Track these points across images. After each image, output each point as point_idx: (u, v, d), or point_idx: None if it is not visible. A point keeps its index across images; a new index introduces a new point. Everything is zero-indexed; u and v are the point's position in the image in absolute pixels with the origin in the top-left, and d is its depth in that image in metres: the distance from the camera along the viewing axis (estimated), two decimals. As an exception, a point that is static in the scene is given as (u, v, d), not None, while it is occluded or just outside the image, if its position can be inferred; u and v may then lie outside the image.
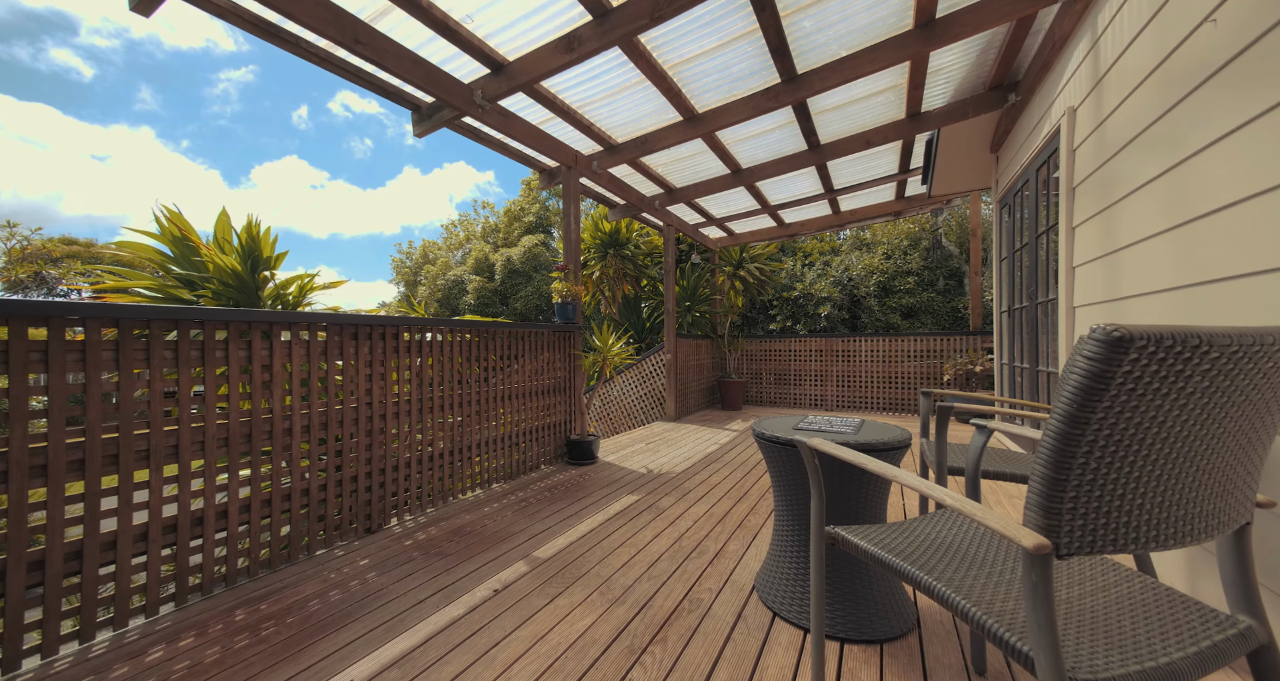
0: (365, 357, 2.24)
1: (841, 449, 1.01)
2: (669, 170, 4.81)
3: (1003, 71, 3.37)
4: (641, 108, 3.58)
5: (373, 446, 2.25)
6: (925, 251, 10.28)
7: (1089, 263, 2.39)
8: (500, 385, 3.10)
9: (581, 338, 3.95)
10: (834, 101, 3.69)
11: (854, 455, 1.00)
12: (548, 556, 2.01)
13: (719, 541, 2.15)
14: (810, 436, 1.09)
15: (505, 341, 3.15)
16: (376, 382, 2.28)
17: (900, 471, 0.90)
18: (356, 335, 2.20)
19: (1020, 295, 3.67)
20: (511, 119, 3.29)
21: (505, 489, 2.97)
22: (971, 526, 1.12)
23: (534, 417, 3.41)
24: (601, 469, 3.46)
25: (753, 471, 3.36)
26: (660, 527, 2.32)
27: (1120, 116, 2.04)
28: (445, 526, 2.34)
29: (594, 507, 2.62)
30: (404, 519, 2.41)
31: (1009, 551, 1.01)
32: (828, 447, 1.03)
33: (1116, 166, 2.08)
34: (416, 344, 2.51)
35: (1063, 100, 2.69)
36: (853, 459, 1.00)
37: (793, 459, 1.52)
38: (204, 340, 1.70)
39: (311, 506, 2.00)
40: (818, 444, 1.06)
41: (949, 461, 1.70)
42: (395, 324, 2.36)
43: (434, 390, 2.59)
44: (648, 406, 6.06)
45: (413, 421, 2.46)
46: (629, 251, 7.52)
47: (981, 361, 5.19)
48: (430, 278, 17.84)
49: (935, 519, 1.19)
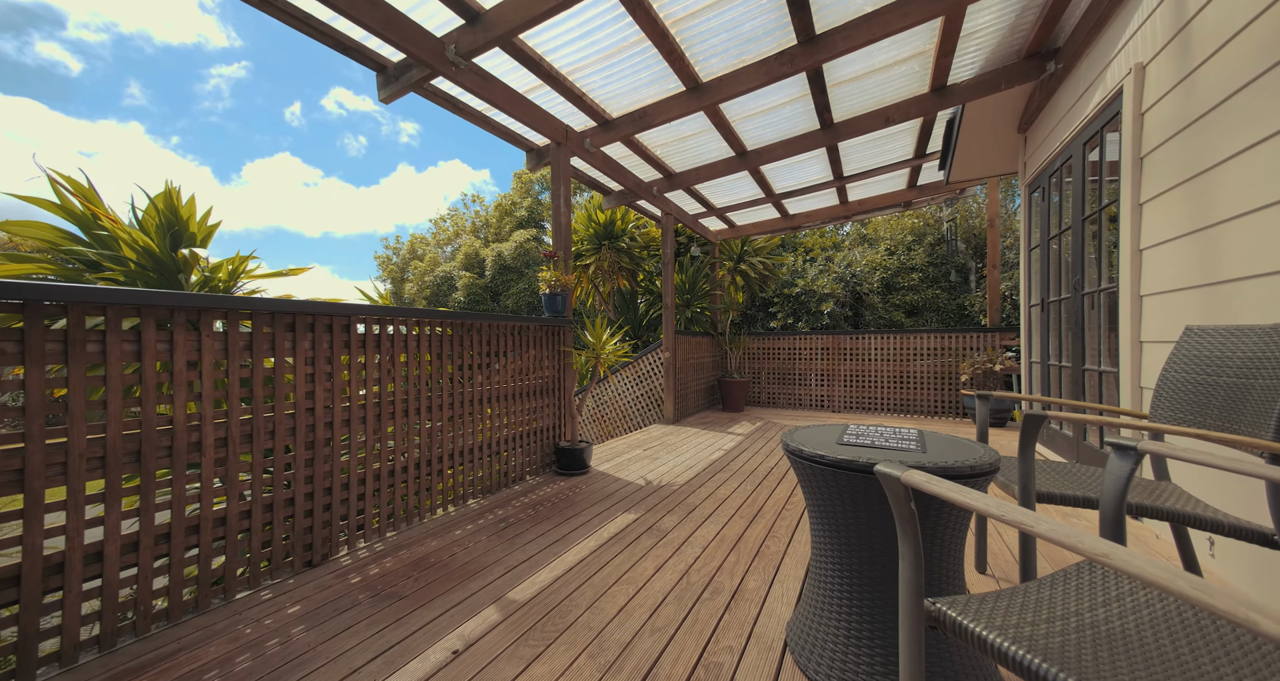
0: (306, 353, 1.84)
1: (966, 492, 0.64)
2: (668, 152, 4.43)
3: (1043, 36, 3.02)
4: (639, 75, 3.20)
5: (315, 462, 1.85)
6: (930, 247, 9.98)
7: (1163, 244, 2.04)
8: (480, 386, 2.71)
9: (573, 333, 3.57)
10: (852, 71, 3.33)
11: (983, 501, 0.63)
12: (526, 598, 1.63)
13: (735, 575, 1.78)
14: (898, 466, 0.73)
15: (485, 336, 2.76)
16: (321, 384, 1.88)
17: (1064, 527, 0.53)
18: (294, 326, 1.80)
19: (1058, 286, 3.33)
20: (492, 83, 2.89)
21: (483, 506, 2.58)
22: (1141, 599, 0.76)
23: (518, 422, 3.02)
24: (594, 480, 3.08)
25: (764, 482, 2.99)
26: (663, 556, 1.95)
27: (1221, 62, 1.69)
28: (406, 556, 1.95)
29: (585, 529, 2.24)
30: (356, 547, 2.02)
31: (1227, 649, 0.65)
32: (939, 488, 0.66)
33: (1214, 124, 1.73)
34: (375, 338, 2.12)
35: (1125, 59, 2.34)
36: (982, 507, 0.63)
37: (845, 485, 1.15)
38: (67, 330, 1.30)
39: (230, 538, 1.60)
40: (919, 481, 0.69)
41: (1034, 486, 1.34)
42: (346, 313, 1.97)
43: (398, 392, 2.20)
44: (644, 408, 5.69)
45: (369, 430, 2.07)
46: (625, 243, 7.13)
47: (1001, 359, 4.86)
48: (418, 274, 17.34)
49: (1069, 583, 0.82)
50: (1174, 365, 1.47)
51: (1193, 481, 1.85)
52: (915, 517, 0.73)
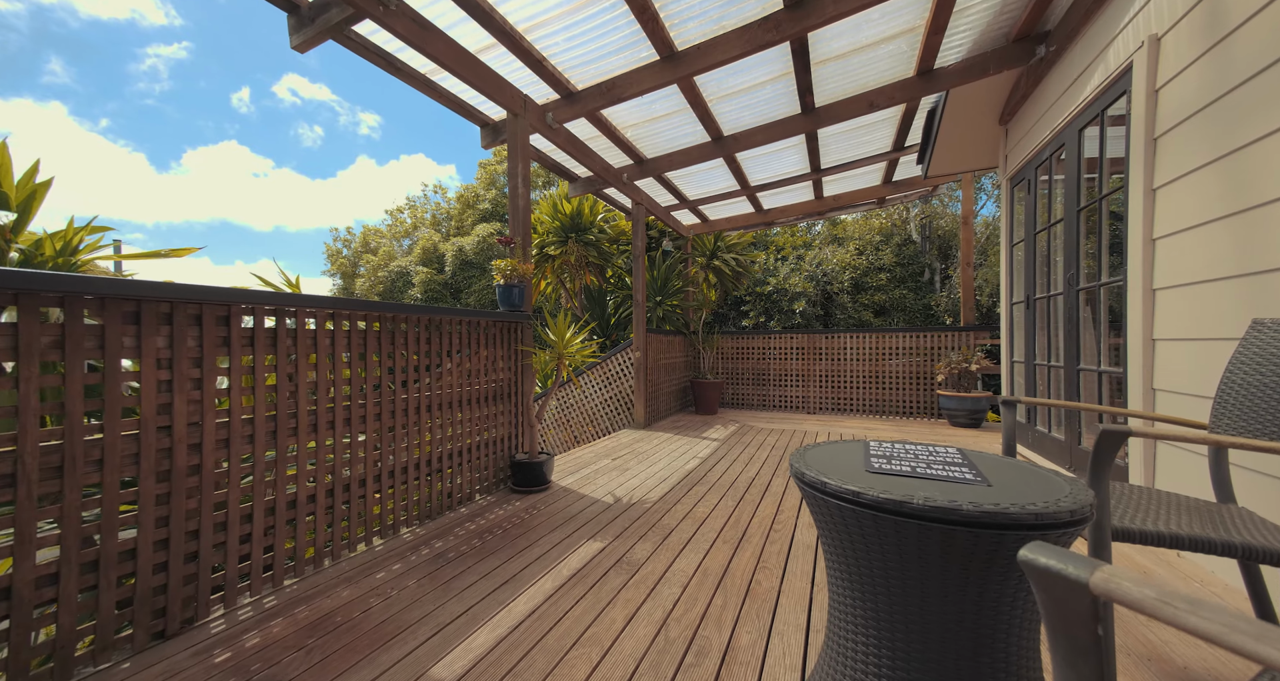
0: (159, 354, 1.38)
1: (1233, 625, 0.32)
2: (640, 135, 4.09)
3: (1034, 18, 2.86)
4: (608, 39, 2.83)
5: (174, 496, 1.39)
6: (897, 247, 10.08)
7: (1185, 231, 1.86)
8: (420, 391, 2.27)
9: (533, 330, 3.16)
10: (838, 47, 3.08)
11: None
12: (455, 676, 1.24)
13: (723, 626, 1.44)
14: (1075, 559, 0.41)
15: (423, 333, 2.32)
16: (184, 394, 1.42)
17: None
18: (139, 316, 1.34)
19: (1046, 282, 3.19)
20: (433, 34, 2.45)
21: (418, 536, 2.15)
22: None
23: (467, 433, 2.60)
24: (555, 497, 2.70)
25: (747, 496, 2.69)
26: (635, 600, 1.59)
27: (1267, 20, 1.49)
28: (305, 614, 1.51)
29: (541, 565, 1.86)
30: (237, 604, 1.56)
31: None
32: (1186, 617, 0.33)
33: (1255, 93, 1.53)
34: (270, 333, 1.67)
35: (1133, 32, 2.16)
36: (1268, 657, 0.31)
37: (893, 534, 0.83)
38: None
39: (19, 610, 1.13)
40: (1133, 595, 0.36)
41: (1116, 519, 1.05)
42: (224, 301, 1.51)
43: (302, 402, 1.75)
44: (614, 411, 5.32)
45: (259, 451, 1.61)
46: (593, 236, 6.74)
47: (976, 359, 4.78)
48: (371, 268, 16.29)
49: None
50: (1242, 367, 1.24)
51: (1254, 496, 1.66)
52: (1100, 647, 0.41)
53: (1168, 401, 1.96)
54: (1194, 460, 1.81)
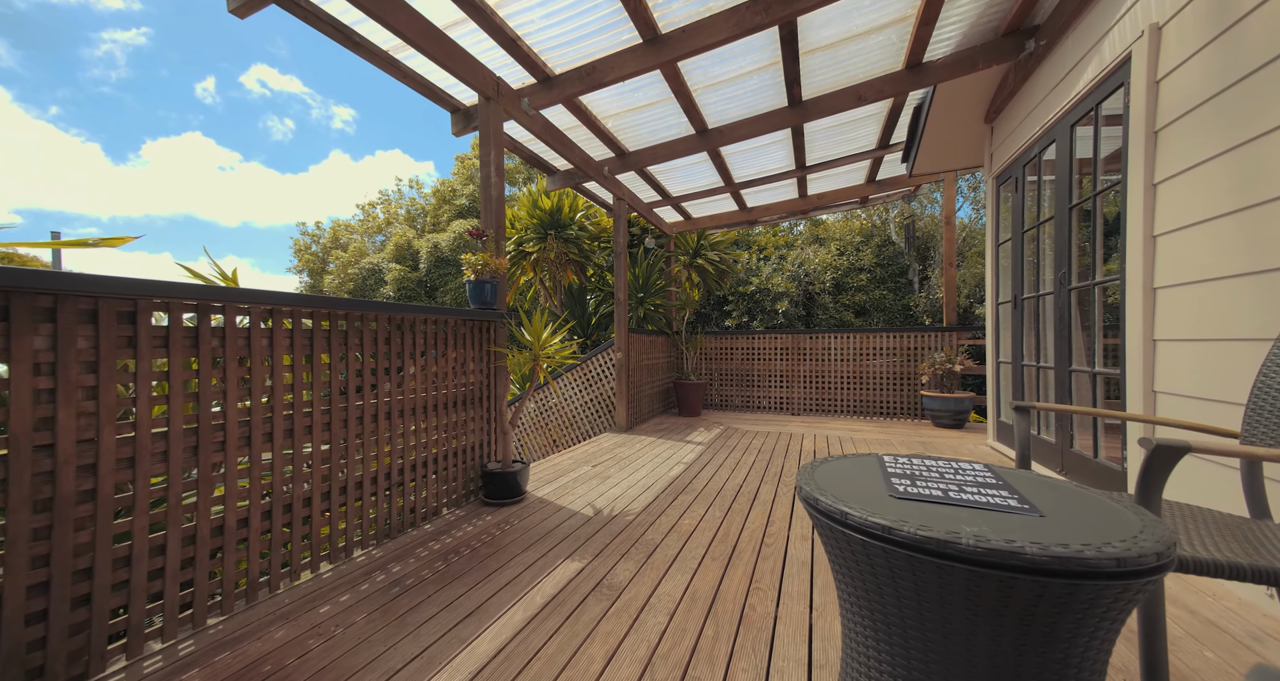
0: (38, 358, 1.14)
1: None
2: (622, 125, 3.91)
3: (1024, 11, 2.80)
4: (587, 17, 2.64)
5: (55, 529, 1.15)
6: (877, 248, 10.15)
7: (1190, 227, 1.78)
8: (380, 396, 2.04)
9: (506, 329, 2.95)
10: (828, 35, 2.96)
11: None
12: (403, 739, 1.04)
13: (716, 663, 1.28)
14: None
15: (383, 332, 2.09)
16: (72, 406, 1.18)
17: None
18: (8, 313, 1.10)
19: (1035, 282, 3.14)
20: (393, 3, 2.22)
21: (374, 559, 1.93)
22: None
23: (433, 442, 2.38)
24: (530, 510, 2.50)
25: (735, 505, 2.54)
26: (617, 632, 1.42)
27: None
28: (226, 664, 1.28)
29: (511, 591, 1.66)
30: (143, 653, 1.32)
31: None
32: None
33: (1270, 80, 1.45)
34: (190, 333, 1.43)
35: (1131, 22, 2.09)
36: None
37: (934, 578, 0.68)
38: None
39: None
40: None
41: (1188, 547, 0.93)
42: (128, 293, 1.27)
43: (229, 412, 1.51)
44: (594, 414, 5.13)
45: (173, 471, 1.38)
46: (573, 233, 6.53)
47: (960, 360, 4.76)
48: (341, 265, 15.65)
49: None
50: (1278, 370, 1.14)
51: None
52: None
53: (1170, 404, 1.89)
54: (1212, 469, 1.73)
